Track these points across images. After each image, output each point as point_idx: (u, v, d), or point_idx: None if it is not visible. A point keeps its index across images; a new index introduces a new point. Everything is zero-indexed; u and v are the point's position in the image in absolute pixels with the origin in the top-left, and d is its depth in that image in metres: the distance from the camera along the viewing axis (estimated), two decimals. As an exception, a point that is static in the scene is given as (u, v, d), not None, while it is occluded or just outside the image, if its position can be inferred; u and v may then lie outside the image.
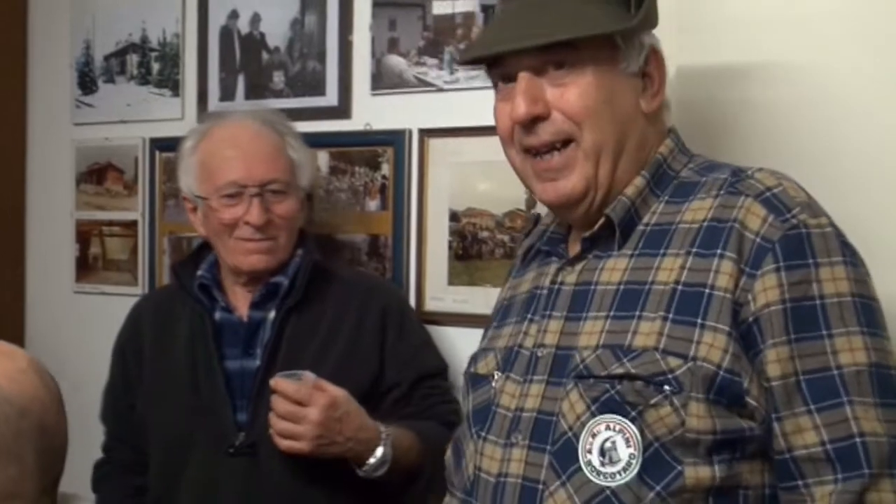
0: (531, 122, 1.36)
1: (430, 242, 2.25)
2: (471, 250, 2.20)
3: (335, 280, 2.08)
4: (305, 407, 1.80)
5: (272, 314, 2.02)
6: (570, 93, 1.35)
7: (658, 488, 1.24)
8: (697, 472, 1.24)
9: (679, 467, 1.24)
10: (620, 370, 1.26)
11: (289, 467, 1.88)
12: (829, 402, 1.21)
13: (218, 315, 2.05)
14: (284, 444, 1.83)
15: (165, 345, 2.09)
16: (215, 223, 2.02)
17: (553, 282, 1.41)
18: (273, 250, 2.02)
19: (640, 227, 1.36)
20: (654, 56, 1.41)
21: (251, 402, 1.93)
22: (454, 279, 2.22)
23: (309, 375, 1.83)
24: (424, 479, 1.96)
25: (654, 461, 1.24)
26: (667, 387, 1.24)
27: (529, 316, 1.42)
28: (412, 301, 2.28)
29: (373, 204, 2.33)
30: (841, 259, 1.25)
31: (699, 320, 1.25)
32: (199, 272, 2.09)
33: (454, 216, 2.22)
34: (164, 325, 2.12)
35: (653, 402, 1.24)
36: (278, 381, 1.83)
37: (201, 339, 2.02)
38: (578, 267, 1.39)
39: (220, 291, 2.07)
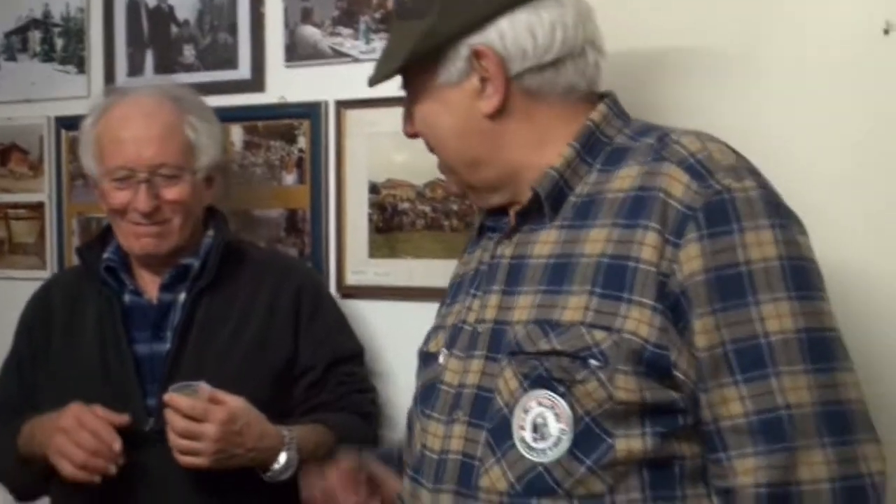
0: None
1: (350, 215, 2.21)
2: (391, 222, 2.16)
3: (248, 260, 2.03)
4: (202, 423, 1.76)
5: (182, 296, 1.97)
6: (413, 118, 1.42)
7: (589, 462, 1.23)
8: (629, 445, 1.22)
9: (610, 440, 1.22)
10: (547, 346, 1.24)
11: None
12: (754, 373, 1.18)
13: (127, 298, 1.99)
14: (184, 460, 1.78)
15: (73, 327, 2.02)
16: (106, 206, 1.97)
17: (493, 256, 1.39)
18: (165, 234, 1.95)
19: (573, 199, 1.32)
20: (482, 57, 1.32)
21: (161, 387, 1.87)
22: (375, 252, 2.18)
23: (204, 387, 1.78)
24: None
25: (585, 435, 1.23)
26: (592, 361, 1.22)
27: (473, 291, 1.41)
28: (332, 275, 2.23)
29: (290, 178, 2.27)
30: (767, 222, 1.21)
31: (624, 294, 1.23)
32: (106, 254, 2.02)
33: (374, 188, 2.17)
34: (72, 307, 2.04)
35: (579, 377, 1.22)
36: (172, 397, 1.78)
37: (110, 323, 1.96)
38: (514, 240, 1.37)
39: (127, 274, 2.01)
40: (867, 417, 1.21)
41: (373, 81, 1.40)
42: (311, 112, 2.23)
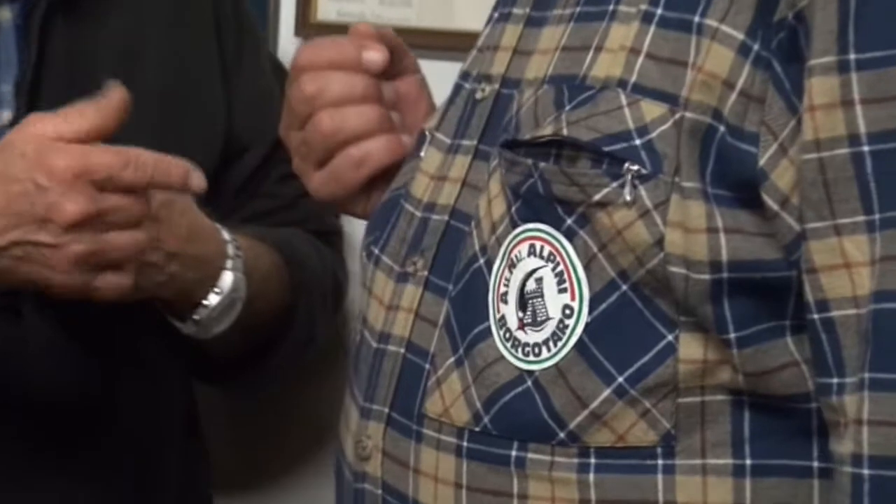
0: None
1: None
2: None
3: None
4: None
5: (7, 15, 1.13)
6: None
7: (621, 379, 0.71)
8: (706, 350, 0.70)
9: (668, 334, 0.70)
10: (549, 129, 0.73)
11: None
12: None
13: None
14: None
15: None
16: None
17: None
18: None
19: None
20: None
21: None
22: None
23: None
24: (298, 335, 1.20)
25: (613, 322, 0.72)
26: (630, 164, 0.70)
27: (497, 14, 0.88)
28: (290, 4, 1.40)
29: None
30: None
31: (697, 18, 0.70)
32: None
33: None
34: None
35: (599, 197, 0.71)
36: None
37: None
38: None
39: None
40: None
41: None
42: None
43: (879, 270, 0.62)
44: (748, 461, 0.70)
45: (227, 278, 1.10)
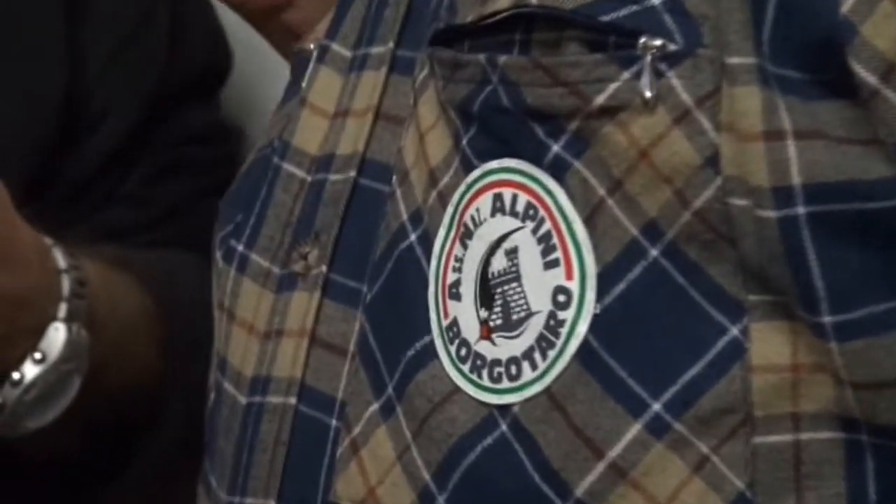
0: None
1: None
2: None
3: None
4: None
5: None
6: None
7: (657, 406, 0.45)
8: (796, 349, 0.44)
9: (732, 326, 0.45)
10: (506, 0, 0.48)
11: None
12: None
13: None
14: None
15: None
16: None
17: None
18: None
19: None
20: None
21: None
22: None
23: None
24: (172, 430, 0.78)
25: (639, 310, 0.46)
26: (649, 39, 0.46)
27: None
28: None
29: None
30: None
31: None
32: None
33: None
34: None
35: (603, 99, 0.46)
36: None
37: None
38: None
39: None
40: None
41: None
42: None
43: None
44: None
45: (56, 336, 0.70)
